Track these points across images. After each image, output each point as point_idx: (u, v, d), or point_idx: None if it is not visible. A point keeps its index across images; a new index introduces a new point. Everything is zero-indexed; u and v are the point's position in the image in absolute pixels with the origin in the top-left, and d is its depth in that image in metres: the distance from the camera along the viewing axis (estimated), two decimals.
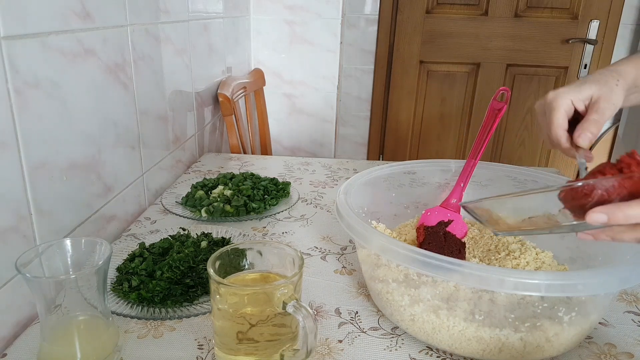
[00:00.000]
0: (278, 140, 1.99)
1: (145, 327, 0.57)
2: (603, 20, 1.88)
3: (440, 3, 1.91)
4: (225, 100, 1.35)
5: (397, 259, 0.50)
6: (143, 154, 0.90)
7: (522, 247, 0.69)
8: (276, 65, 1.90)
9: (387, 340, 0.56)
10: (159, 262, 0.66)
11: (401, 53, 1.98)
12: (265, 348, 0.49)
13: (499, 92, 0.71)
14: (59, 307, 0.48)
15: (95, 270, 0.48)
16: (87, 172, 0.72)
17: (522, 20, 1.90)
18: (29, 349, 0.54)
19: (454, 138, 2.09)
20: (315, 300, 0.64)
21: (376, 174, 0.73)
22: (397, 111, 2.06)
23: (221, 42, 1.44)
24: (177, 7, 1.05)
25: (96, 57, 0.72)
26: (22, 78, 0.56)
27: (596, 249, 0.64)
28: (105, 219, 0.78)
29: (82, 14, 0.68)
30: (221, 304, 0.47)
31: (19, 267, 0.45)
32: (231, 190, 0.92)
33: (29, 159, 0.58)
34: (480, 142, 0.73)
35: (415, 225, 0.76)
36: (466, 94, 2.02)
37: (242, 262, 0.52)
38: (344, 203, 0.60)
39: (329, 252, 0.76)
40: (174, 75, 1.06)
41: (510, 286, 0.45)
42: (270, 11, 1.83)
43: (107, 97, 0.76)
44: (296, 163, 1.19)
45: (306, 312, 0.45)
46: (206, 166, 1.17)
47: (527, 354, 0.50)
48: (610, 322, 0.60)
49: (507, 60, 1.96)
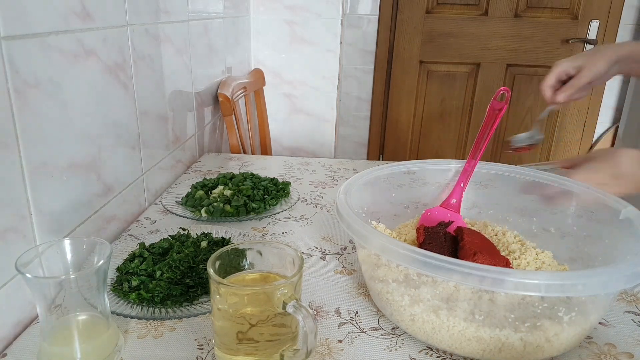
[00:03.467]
0: (278, 140, 1.99)
1: (145, 327, 0.57)
2: (603, 20, 1.88)
3: (440, 3, 1.91)
4: (225, 100, 1.35)
5: (397, 259, 0.50)
6: (143, 154, 0.90)
7: (522, 247, 0.69)
8: (276, 65, 1.90)
9: (387, 340, 0.56)
10: (159, 262, 0.66)
11: (401, 53, 1.98)
12: (265, 348, 0.49)
13: (499, 92, 0.72)
14: (59, 307, 0.48)
15: (95, 270, 0.48)
16: (87, 172, 0.72)
17: (522, 20, 1.90)
18: (29, 349, 0.54)
19: (454, 138, 2.09)
20: (315, 300, 0.64)
21: (376, 174, 0.73)
22: (397, 111, 2.06)
23: (221, 42, 1.44)
24: (177, 7, 1.05)
25: (96, 57, 0.72)
26: (22, 78, 0.56)
27: (596, 249, 0.64)
28: (105, 219, 0.78)
29: (82, 14, 0.68)
30: (221, 304, 0.47)
31: (19, 267, 0.45)
32: (231, 190, 0.92)
33: (29, 159, 0.58)
34: (480, 142, 0.73)
35: (415, 225, 0.76)
36: (466, 94, 2.02)
37: (242, 262, 0.52)
38: (344, 203, 0.60)
39: (329, 252, 0.76)
40: (174, 75, 1.06)
41: (510, 286, 0.45)
42: (270, 11, 1.83)
43: (107, 97, 0.76)
44: (296, 163, 1.19)
45: (306, 312, 0.45)
46: (206, 166, 1.17)
47: (527, 354, 0.50)
48: (610, 322, 0.60)
49: (507, 60, 1.96)
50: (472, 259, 0.58)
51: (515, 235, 0.72)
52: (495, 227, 0.75)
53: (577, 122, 2.03)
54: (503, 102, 0.71)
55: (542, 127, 0.62)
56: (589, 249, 0.65)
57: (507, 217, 0.77)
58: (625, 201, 0.62)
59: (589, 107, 2.00)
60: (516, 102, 2.01)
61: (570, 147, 2.06)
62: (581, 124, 2.03)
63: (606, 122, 2.04)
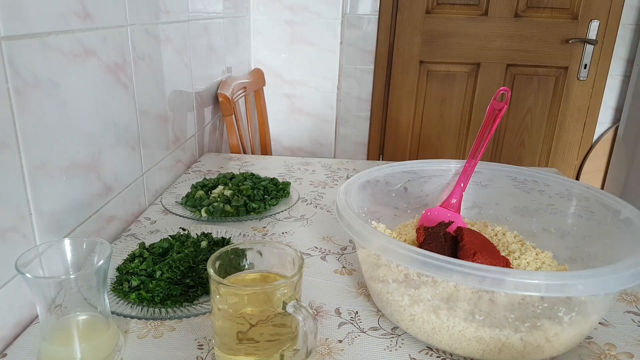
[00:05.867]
0: (278, 140, 1.99)
1: (145, 327, 0.57)
2: (603, 20, 1.88)
3: (440, 3, 1.91)
4: (225, 100, 1.35)
5: (397, 259, 0.50)
6: (143, 154, 0.90)
7: (522, 247, 0.69)
8: (276, 65, 1.90)
9: (387, 340, 0.56)
10: (159, 262, 0.66)
11: (401, 53, 1.98)
12: (265, 348, 0.49)
13: (499, 92, 0.71)
14: (59, 307, 0.48)
15: (95, 270, 0.48)
16: (87, 172, 0.72)
17: (522, 20, 1.90)
18: (29, 349, 0.54)
19: (454, 138, 2.09)
20: (315, 300, 0.64)
21: (376, 174, 0.73)
22: (397, 111, 2.06)
23: (221, 42, 1.44)
24: (177, 7, 1.05)
25: (96, 57, 0.72)
26: (22, 78, 0.56)
27: (596, 249, 0.64)
28: (105, 219, 0.78)
29: (82, 14, 0.68)
30: (221, 304, 0.47)
31: (19, 267, 0.45)
32: (231, 190, 0.92)
33: (29, 159, 0.58)
34: (480, 142, 0.73)
35: (415, 225, 0.76)
36: (466, 94, 2.02)
37: (242, 262, 0.52)
38: (344, 203, 0.60)
39: (329, 252, 0.76)
40: (174, 75, 1.06)
41: (510, 286, 0.45)
42: (270, 11, 1.83)
43: (107, 97, 0.76)
44: (296, 163, 1.19)
45: (306, 312, 0.45)
46: (206, 166, 1.17)
47: (527, 354, 0.50)
48: (610, 322, 0.60)
49: (507, 60, 1.96)
50: (472, 259, 0.58)
51: (515, 235, 0.72)
52: (495, 227, 0.75)
53: (577, 122, 2.03)
54: (503, 102, 0.71)
55: None
56: (589, 249, 0.65)
57: (507, 217, 0.77)
58: (625, 201, 0.62)
59: (589, 107, 2.00)
60: (516, 102, 2.01)
61: (571, 147, 2.06)
62: (581, 124, 2.03)
63: (606, 122, 2.04)
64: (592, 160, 2.07)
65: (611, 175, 2.05)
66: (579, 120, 2.03)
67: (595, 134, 2.05)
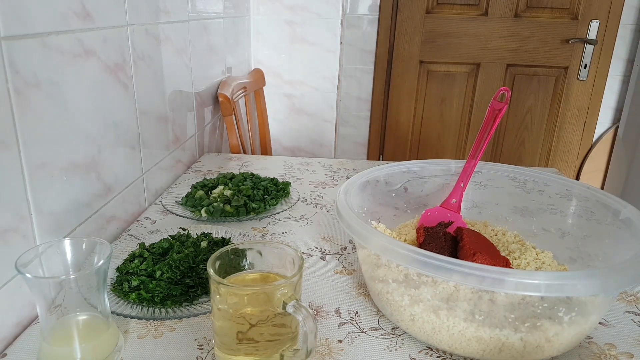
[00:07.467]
0: (278, 140, 1.99)
1: (145, 327, 0.57)
2: (603, 20, 1.88)
3: (440, 3, 1.91)
4: (225, 100, 1.35)
5: (397, 259, 0.50)
6: (143, 154, 0.90)
7: (522, 247, 0.69)
8: (276, 65, 1.90)
9: (387, 340, 0.56)
10: (159, 263, 0.66)
11: (401, 53, 1.98)
12: (265, 348, 0.49)
13: (499, 92, 0.71)
14: (59, 307, 0.48)
15: (95, 270, 0.48)
16: (87, 172, 0.72)
17: (522, 20, 1.90)
18: (29, 349, 0.54)
19: (454, 138, 2.09)
20: (315, 300, 0.64)
21: (376, 174, 0.73)
22: (397, 111, 2.06)
23: (221, 42, 1.44)
24: (177, 7, 1.05)
25: (96, 57, 0.72)
26: (22, 78, 0.56)
27: (596, 249, 0.64)
28: (105, 219, 0.78)
29: (82, 14, 0.68)
30: (221, 304, 0.47)
31: (19, 267, 0.45)
32: (231, 190, 0.92)
33: (29, 159, 0.58)
34: (480, 142, 0.73)
35: (415, 225, 0.76)
36: (466, 94, 2.02)
37: (242, 262, 0.52)
38: (344, 203, 0.60)
39: (329, 252, 0.76)
40: (174, 75, 1.06)
41: (510, 286, 0.45)
42: (270, 11, 1.83)
43: (107, 97, 0.76)
44: (296, 163, 1.19)
45: (306, 312, 0.45)
46: (206, 166, 1.17)
47: (527, 354, 0.50)
48: (610, 322, 0.60)
49: (507, 60, 1.96)
50: (472, 259, 0.58)
51: (515, 235, 0.72)
52: (495, 227, 0.75)
53: (577, 122, 2.03)
54: (503, 102, 0.71)
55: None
56: (589, 249, 0.65)
57: (507, 217, 0.77)
58: (625, 201, 0.62)
59: (589, 107, 2.00)
60: (516, 102, 2.01)
61: (571, 147, 2.06)
62: (581, 124, 2.03)
63: (606, 122, 2.04)
64: (592, 160, 2.07)
65: (611, 175, 2.05)
66: (579, 120, 2.03)
67: (595, 134, 2.05)
